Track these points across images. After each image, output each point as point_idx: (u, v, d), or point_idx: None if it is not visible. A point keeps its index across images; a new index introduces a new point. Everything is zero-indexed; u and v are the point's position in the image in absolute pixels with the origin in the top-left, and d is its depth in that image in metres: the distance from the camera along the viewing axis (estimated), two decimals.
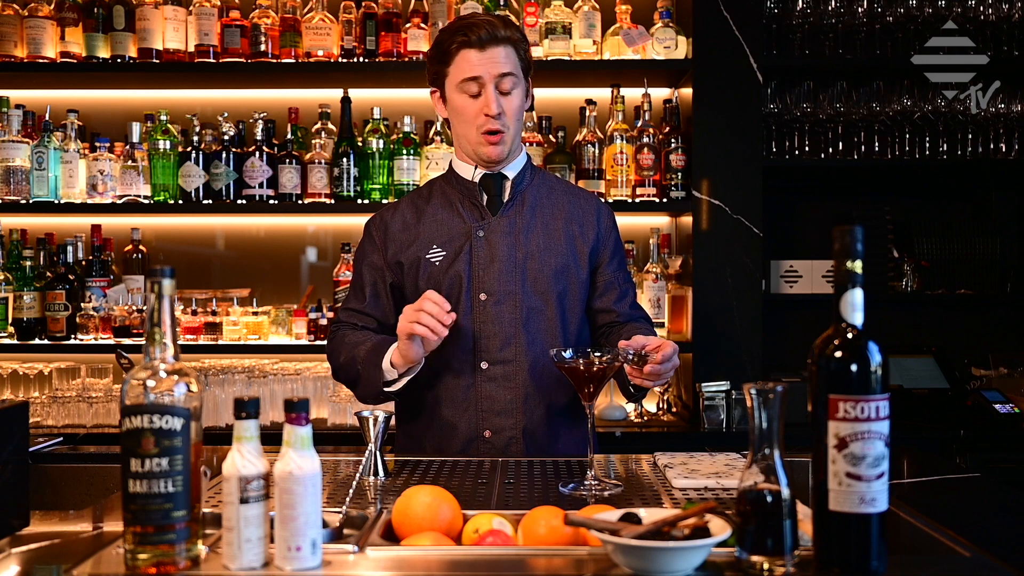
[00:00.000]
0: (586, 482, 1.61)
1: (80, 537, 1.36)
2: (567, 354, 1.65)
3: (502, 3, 3.16)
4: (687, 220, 3.21)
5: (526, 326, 1.98)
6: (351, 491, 1.47)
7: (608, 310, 2.09)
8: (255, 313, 3.26)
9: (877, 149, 3.32)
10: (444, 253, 2.01)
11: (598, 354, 1.63)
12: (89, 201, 3.20)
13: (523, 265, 2.00)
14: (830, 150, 3.31)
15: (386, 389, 1.94)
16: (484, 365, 1.97)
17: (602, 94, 3.30)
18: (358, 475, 1.69)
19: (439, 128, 3.23)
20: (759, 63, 3.11)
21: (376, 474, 1.72)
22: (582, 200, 2.13)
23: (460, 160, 2.09)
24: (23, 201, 3.18)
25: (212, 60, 3.19)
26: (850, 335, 1.13)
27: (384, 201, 3.18)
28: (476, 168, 2.05)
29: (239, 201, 3.19)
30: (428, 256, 2.02)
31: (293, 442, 1.15)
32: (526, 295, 1.99)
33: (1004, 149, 3.30)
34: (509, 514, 1.34)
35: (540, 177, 2.13)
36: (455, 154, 2.12)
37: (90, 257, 3.30)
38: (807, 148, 3.30)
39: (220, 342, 3.21)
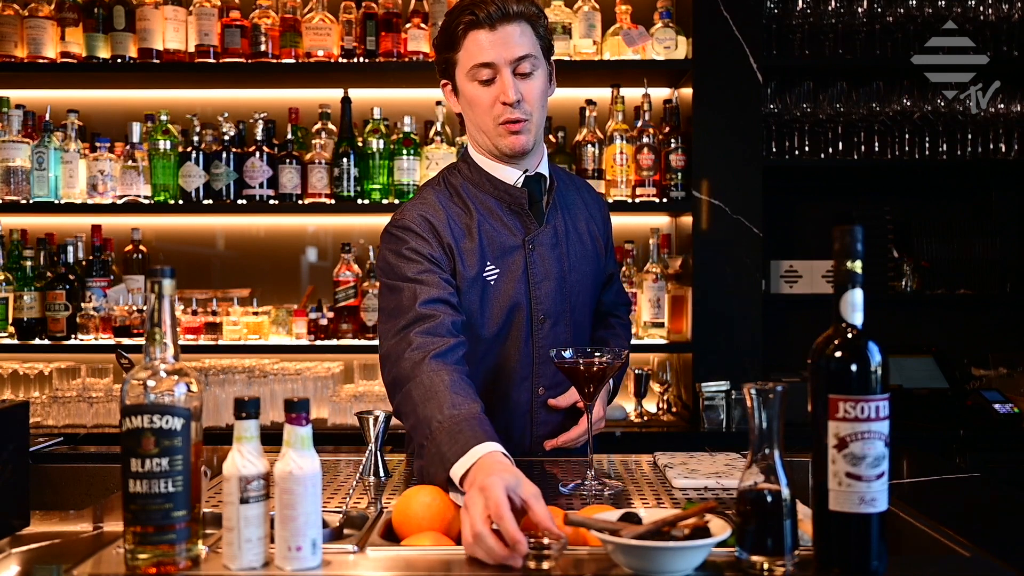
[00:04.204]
0: (586, 482, 1.61)
1: (80, 537, 1.36)
2: (567, 354, 1.63)
3: None
4: (687, 220, 3.21)
5: (575, 345, 1.81)
6: (351, 491, 1.47)
7: (600, 300, 2.02)
8: (255, 313, 3.26)
9: (877, 149, 3.32)
10: (498, 271, 1.79)
11: (598, 354, 1.62)
12: (89, 201, 3.20)
13: (568, 279, 1.85)
14: (830, 150, 3.31)
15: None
16: (541, 391, 1.85)
17: (602, 94, 3.30)
18: (358, 475, 1.69)
19: (439, 128, 3.23)
20: (759, 63, 3.11)
21: (376, 474, 1.72)
22: (586, 193, 2.01)
23: (489, 160, 1.83)
24: (23, 201, 3.18)
25: (212, 60, 3.19)
26: (850, 335, 1.13)
27: (384, 201, 3.18)
28: (523, 174, 1.82)
29: (239, 201, 3.19)
30: (485, 275, 1.77)
31: (293, 442, 1.15)
32: (574, 311, 1.87)
33: (1004, 149, 3.29)
34: None
35: (555, 172, 1.95)
36: (474, 153, 1.86)
37: (90, 257, 3.30)
38: (807, 148, 3.30)
39: (220, 342, 3.21)
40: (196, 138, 3.25)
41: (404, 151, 3.17)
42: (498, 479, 1.24)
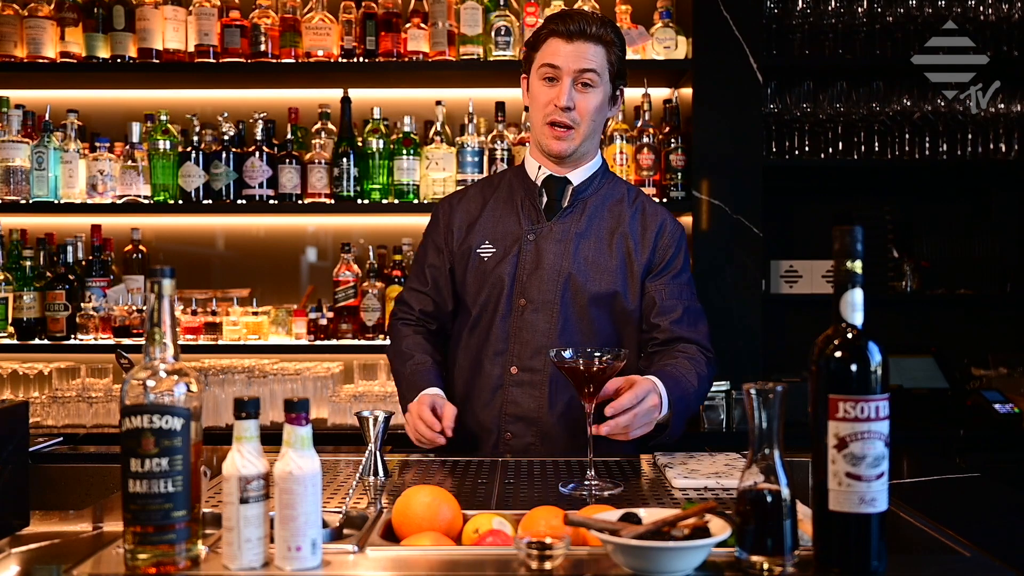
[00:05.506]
0: (586, 482, 1.61)
1: (80, 537, 1.36)
2: (567, 354, 1.64)
3: (502, 3, 3.16)
4: (687, 220, 3.21)
5: (561, 338, 1.95)
6: (351, 491, 1.47)
7: (652, 325, 1.98)
8: (255, 313, 3.26)
9: (877, 149, 3.32)
10: (494, 251, 2.02)
11: (598, 354, 1.63)
12: (89, 201, 3.20)
13: (567, 275, 1.97)
14: (830, 150, 3.31)
15: None
16: (514, 370, 1.98)
17: None
18: (358, 475, 1.69)
19: (439, 128, 3.23)
20: (759, 63, 3.11)
21: (376, 474, 1.72)
22: (647, 215, 2.04)
23: (531, 156, 2.08)
24: (23, 201, 3.18)
25: (212, 60, 3.19)
26: (850, 335, 1.13)
27: (383, 201, 3.18)
28: (540, 168, 2.05)
29: (239, 201, 3.19)
30: (479, 250, 2.03)
31: (293, 442, 1.15)
32: (564, 306, 1.97)
33: (1004, 149, 3.29)
34: (509, 514, 1.34)
35: (611, 186, 2.07)
36: (530, 148, 2.10)
37: (90, 257, 3.30)
38: (807, 148, 3.30)
39: (220, 342, 3.21)
40: (196, 138, 3.25)
41: (404, 151, 3.17)
42: (426, 396, 1.91)
